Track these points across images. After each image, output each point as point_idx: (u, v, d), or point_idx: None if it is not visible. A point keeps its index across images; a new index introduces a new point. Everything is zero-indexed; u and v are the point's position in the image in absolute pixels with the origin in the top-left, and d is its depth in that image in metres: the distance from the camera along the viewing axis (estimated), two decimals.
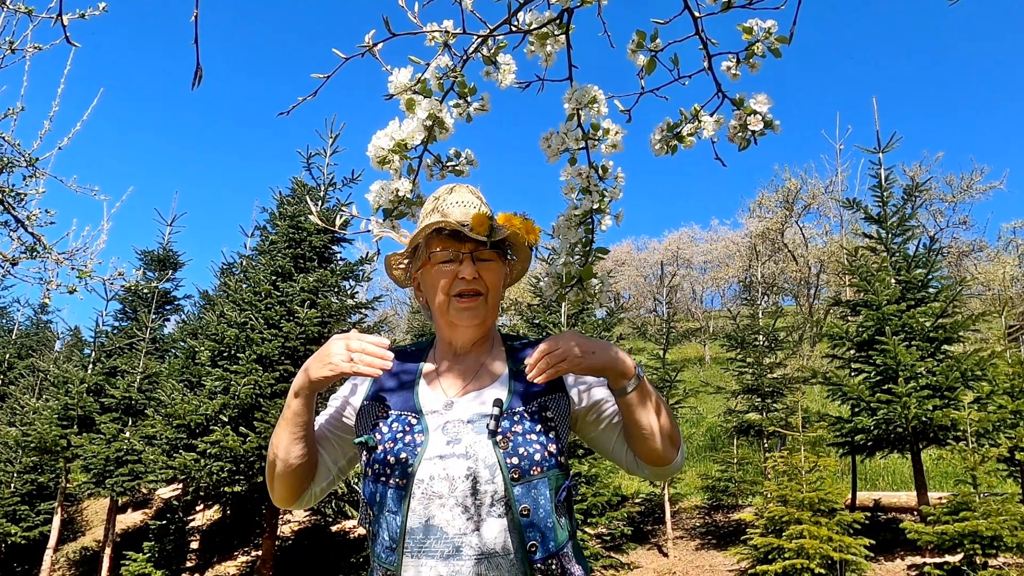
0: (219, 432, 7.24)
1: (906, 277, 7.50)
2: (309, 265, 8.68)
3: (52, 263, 4.02)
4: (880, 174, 8.05)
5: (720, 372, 15.09)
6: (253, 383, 7.59)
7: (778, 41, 1.09)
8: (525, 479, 1.23)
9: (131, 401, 10.03)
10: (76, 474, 10.65)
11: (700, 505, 10.20)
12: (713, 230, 32.09)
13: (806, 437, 6.82)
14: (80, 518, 13.64)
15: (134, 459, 9.23)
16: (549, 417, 1.31)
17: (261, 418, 7.33)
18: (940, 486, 9.21)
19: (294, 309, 8.07)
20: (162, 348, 11.91)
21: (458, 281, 1.33)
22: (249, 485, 7.36)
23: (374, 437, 1.30)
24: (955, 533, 5.54)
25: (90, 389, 10.33)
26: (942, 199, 22.78)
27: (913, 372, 6.84)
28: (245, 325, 8.09)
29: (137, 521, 12.70)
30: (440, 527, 1.20)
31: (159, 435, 8.15)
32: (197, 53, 0.98)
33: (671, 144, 1.16)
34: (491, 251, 1.35)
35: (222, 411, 7.59)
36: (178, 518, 9.50)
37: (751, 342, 10.35)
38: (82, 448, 9.42)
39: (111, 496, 9.58)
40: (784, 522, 6.12)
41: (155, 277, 11.23)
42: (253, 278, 8.56)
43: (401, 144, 1.11)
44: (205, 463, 7.26)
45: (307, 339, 8.06)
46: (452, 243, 1.34)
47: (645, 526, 9.39)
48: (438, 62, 1.14)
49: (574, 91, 1.14)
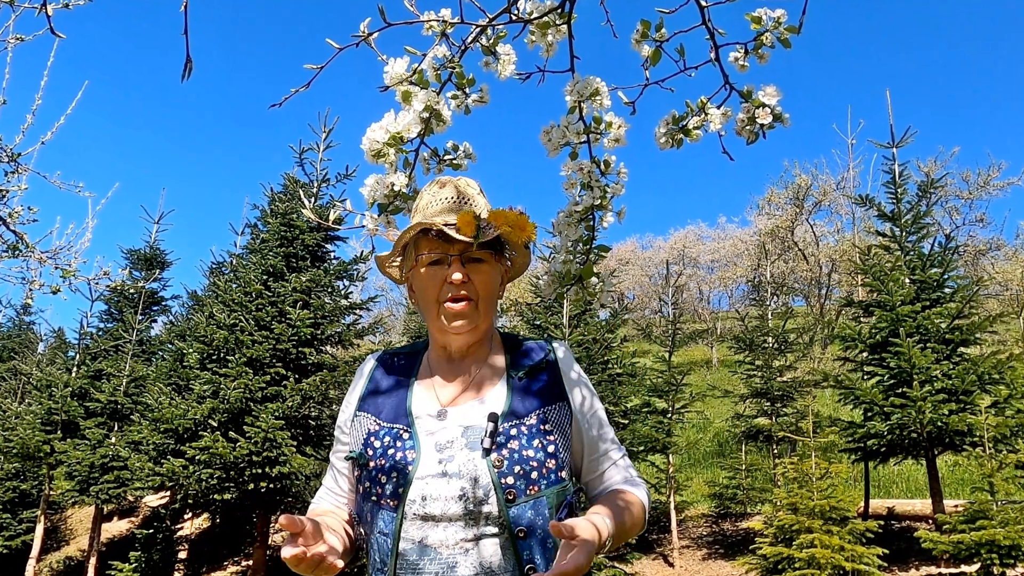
0: (208, 438, 7.24)
1: (921, 277, 7.51)
2: (301, 264, 8.69)
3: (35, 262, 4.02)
4: (894, 170, 8.06)
5: (728, 375, 15.09)
6: (243, 387, 7.59)
7: (788, 31, 1.09)
8: (522, 499, 1.22)
9: (117, 405, 10.03)
10: (60, 481, 10.64)
11: (707, 513, 10.20)
12: (721, 228, 32.09)
13: (817, 443, 6.82)
14: (64, 527, 13.63)
15: (120, 466, 9.24)
16: (548, 429, 1.29)
17: (251, 423, 7.33)
18: (956, 494, 9.21)
19: (286, 310, 8.07)
20: (149, 350, 11.92)
21: (447, 285, 1.31)
22: (239, 492, 7.36)
23: (365, 453, 1.29)
24: (972, 542, 5.54)
25: (74, 393, 10.33)
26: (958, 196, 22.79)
27: (928, 375, 6.85)
28: (235, 327, 8.10)
29: (123, 530, 12.70)
30: (434, 547, 1.20)
31: (146, 441, 8.15)
32: (187, 44, 0.98)
33: (676, 138, 1.16)
34: (483, 251, 1.32)
35: (211, 416, 7.60)
36: (165, 527, 9.50)
37: (760, 344, 10.35)
38: (66, 454, 9.42)
39: (96, 504, 9.58)
40: (794, 531, 6.11)
41: (142, 277, 11.24)
42: (243, 278, 8.56)
43: (397, 137, 1.12)
44: (193, 470, 7.26)
45: (299, 341, 8.06)
46: (440, 244, 1.31)
47: (650, 535, 9.39)
48: (435, 52, 1.14)
49: (576, 83, 1.14)
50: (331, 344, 8.91)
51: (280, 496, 7.89)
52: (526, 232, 1.28)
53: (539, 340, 1.46)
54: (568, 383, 1.37)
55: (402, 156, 1.15)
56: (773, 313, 11.53)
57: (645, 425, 8.77)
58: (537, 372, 1.38)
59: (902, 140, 8.15)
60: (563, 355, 1.42)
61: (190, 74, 1.01)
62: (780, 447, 9.81)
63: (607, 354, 8.97)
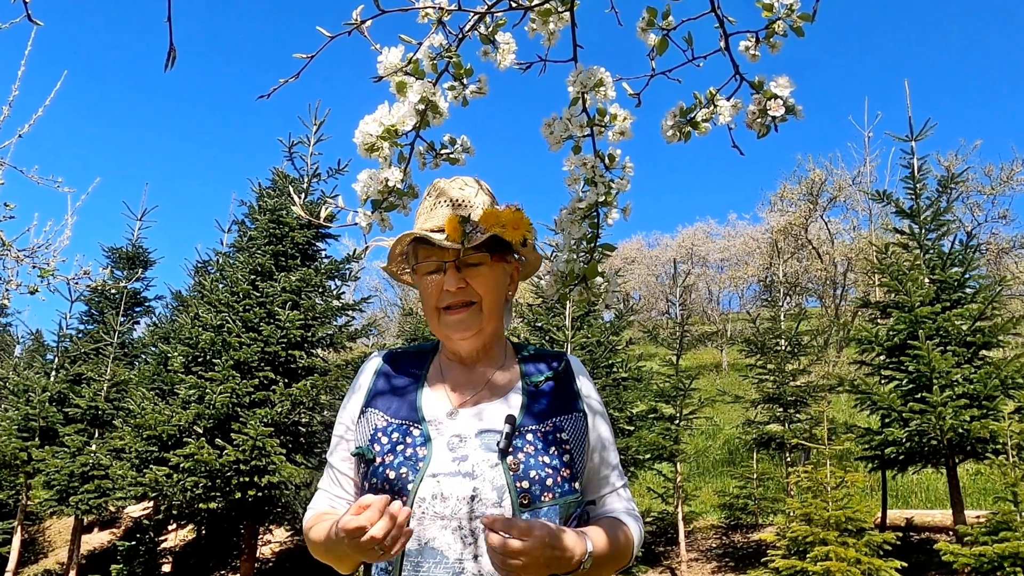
0: (193, 445, 7.25)
1: (941, 276, 7.51)
2: (291, 263, 8.69)
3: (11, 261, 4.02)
4: (912, 164, 8.06)
5: (738, 380, 15.10)
6: (230, 391, 7.59)
7: (801, 19, 1.09)
8: (535, 505, 1.23)
9: (97, 411, 10.04)
10: (38, 491, 10.65)
11: (717, 524, 10.21)
12: (731, 225, 32.05)
13: (832, 450, 6.82)
14: (42, 538, 13.64)
15: (101, 474, 9.24)
16: (564, 439, 1.30)
17: (239, 429, 7.33)
18: (978, 504, 9.22)
19: (275, 311, 8.07)
20: (131, 353, 11.91)
21: (444, 293, 1.32)
22: (226, 502, 7.36)
23: (372, 449, 1.29)
24: (994, 555, 5.54)
25: (53, 398, 10.33)
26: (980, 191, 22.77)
27: (949, 380, 6.85)
28: (221, 328, 8.10)
29: (104, 542, 12.70)
30: (440, 550, 1.20)
31: (128, 448, 8.15)
32: (170, 32, 0.98)
33: (684, 131, 1.16)
34: (480, 254, 1.32)
35: (196, 422, 7.60)
36: (149, 538, 9.51)
37: (772, 347, 10.36)
38: (44, 462, 9.42)
39: (76, 514, 9.59)
40: (808, 543, 6.11)
41: (124, 276, 11.23)
42: (230, 277, 8.57)
43: (391, 130, 1.12)
44: (178, 478, 7.26)
45: (289, 343, 8.07)
46: (434, 251, 1.32)
47: (657, 547, 9.39)
48: (431, 41, 1.14)
49: (579, 73, 1.14)
50: (322, 347, 8.92)
51: (269, 506, 7.90)
52: (520, 230, 1.28)
53: (553, 351, 1.48)
54: (583, 397, 1.39)
55: (397, 150, 1.14)
56: (786, 314, 11.54)
57: (651, 432, 8.78)
58: (552, 382, 1.39)
59: (921, 133, 8.15)
60: (578, 368, 1.45)
61: (174, 63, 1.01)
62: (793, 455, 9.82)
63: (612, 357, 8.97)
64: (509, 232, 1.28)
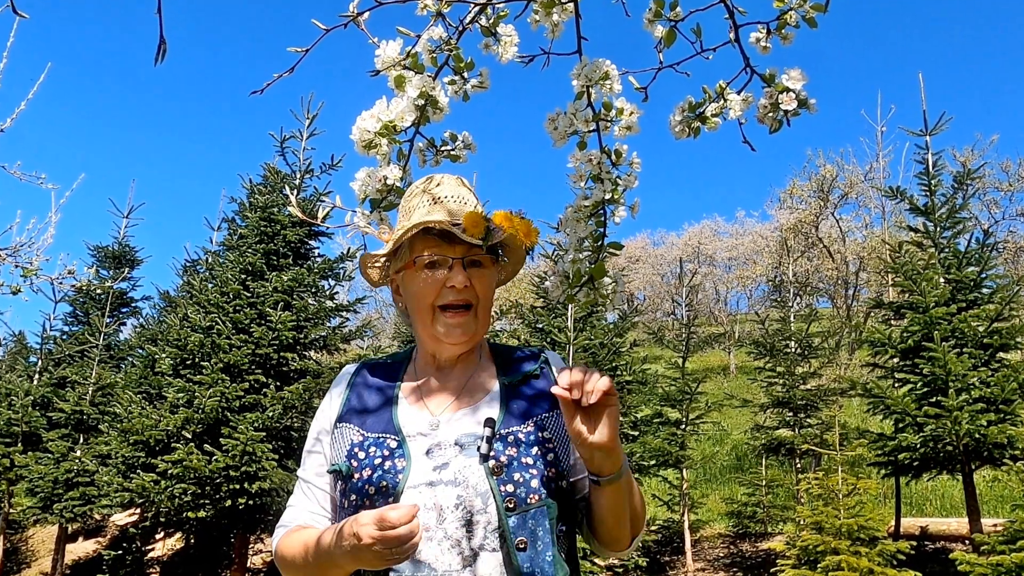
0: (182, 450, 7.24)
1: (957, 276, 7.50)
2: (283, 262, 8.69)
3: None
4: (927, 159, 8.06)
5: (747, 383, 15.09)
6: (220, 395, 7.59)
7: (813, 9, 1.09)
8: (521, 509, 1.22)
9: (82, 415, 10.03)
10: (20, 498, 10.64)
11: (724, 533, 10.21)
12: (739, 223, 32.09)
13: (844, 456, 6.82)
14: (25, 548, 13.62)
15: (86, 481, 9.23)
16: (547, 438, 1.30)
17: (229, 434, 7.33)
18: (995, 511, 9.22)
19: (266, 312, 8.07)
20: (117, 356, 11.91)
21: (446, 290, 1.31)
22: (215, 510, 7.36)
23: (350, 464, 1.29)
24: (1012, 565, 5.53)
25: (36, 402, 10.33)
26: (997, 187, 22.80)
27: (965, 383, 6.84)
28: (211, 330, 8.10)
29: (89, 551, 12.68)
30: (428, 563, 1.20)
31: (114, 454, 8.15)
32: (160, 24, 0.98)
33: (693, 126, 1.16)
34: (485, 255, 1.33)
35: (185, 426, 7.59)
36: (135, 548, 9.51)
37: (781, 349, 10.35)
38: (27, 469, 9.41)
39: (60, 523, 9.58)
40: (819, 552, 6.11)
41: (109, 276, 11.24)
42: (220, 277, 8.56)
43: (389, 126, 1.12)
44: (166, 485, 7.26)
45: (281, 345, 8.06)
46: (441, 245, 1.32)
47: (662, 556, 9.39)
48: (431, 34, 1.14)
49: (584, 66, 1.14)
50: (315, 349, 8.91)
51: (260, 514, 7.89)
52: (531, 237, 1.29)
53: (529, 348, 1.48)
54: None
55: (395, 147, 1.14)
56: (796, 315, 11.53)
57: (657, 437, 8.77)
58: (531, 380, 1.40)
59: (936, 127, 8.15)
60: (556, 364, 1.45)
61: (164, 56, 1.01)
62: (804, 461, 9.82)
63: (615, 360, 8.96)
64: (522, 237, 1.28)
